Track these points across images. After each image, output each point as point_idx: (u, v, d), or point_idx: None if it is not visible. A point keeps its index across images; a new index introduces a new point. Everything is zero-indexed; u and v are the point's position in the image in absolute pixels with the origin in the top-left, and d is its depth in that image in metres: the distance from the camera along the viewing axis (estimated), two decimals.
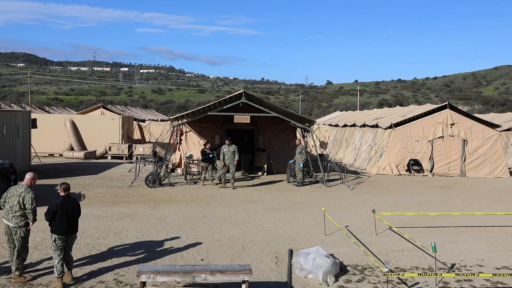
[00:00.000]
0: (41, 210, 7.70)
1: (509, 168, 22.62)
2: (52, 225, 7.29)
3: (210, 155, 17.46)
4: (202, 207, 13.51)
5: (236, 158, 16.85)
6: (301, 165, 17.68)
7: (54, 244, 7.23)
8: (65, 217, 7.25)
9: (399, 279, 7.72)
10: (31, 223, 7.47)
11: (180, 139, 20.69)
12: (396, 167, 21.74)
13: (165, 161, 18.65)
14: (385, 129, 22.98)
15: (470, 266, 8.55)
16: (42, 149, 25.84)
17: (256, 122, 19.97)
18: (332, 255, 8.34)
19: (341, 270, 8.09)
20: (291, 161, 18.28)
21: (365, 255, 8.88)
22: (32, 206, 7.36)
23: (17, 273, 7.30)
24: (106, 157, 26.49)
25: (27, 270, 7.73)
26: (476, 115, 26.49)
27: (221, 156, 16.93)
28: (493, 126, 22.92)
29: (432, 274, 7.63)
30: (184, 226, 11.13)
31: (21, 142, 19.88)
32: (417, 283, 7.61)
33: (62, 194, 7.45)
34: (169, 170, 18.30)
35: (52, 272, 7.31)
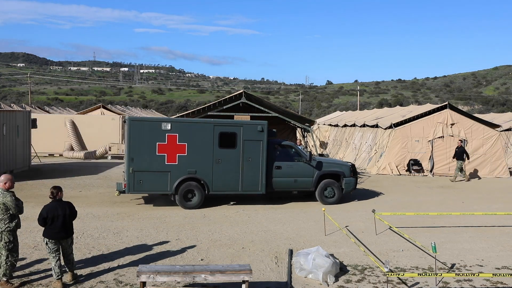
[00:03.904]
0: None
1: (509, 168, 22.62)
2: (44, 229, 7.22)
3: None
4: (202, 207, 13.50)
5: None
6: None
7: (47, 247, 7.19)
8: (57, 222, 7.14)
9: (399, 279, 7.72)
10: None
11: None
12: (396, 167, 21.74)
13: None
14: (385, 129, 22.98)
15: (470, 266, 8.55)
16: (42, 149, 25.84)
17: None
18: (332, 255, 8.34)
19: (341, 270, 8.09)
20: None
21: (365, 255, 8.88)
22: (17, 210, 7.08)
23: (4, 279, 7.08)
24: (106, 157, 26.49)
25: (28, 270, 7.73)
26: (476, 115, 26.47)
27: None
28: (493, 126, 22.92)
29: (432, 274, 7.63)
30: (184, 226, 11.14)
31: (21, 142, 19.87)
32: (417, 283, 7.61)
33: (52, 198, 7.35)
34: None
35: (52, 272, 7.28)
